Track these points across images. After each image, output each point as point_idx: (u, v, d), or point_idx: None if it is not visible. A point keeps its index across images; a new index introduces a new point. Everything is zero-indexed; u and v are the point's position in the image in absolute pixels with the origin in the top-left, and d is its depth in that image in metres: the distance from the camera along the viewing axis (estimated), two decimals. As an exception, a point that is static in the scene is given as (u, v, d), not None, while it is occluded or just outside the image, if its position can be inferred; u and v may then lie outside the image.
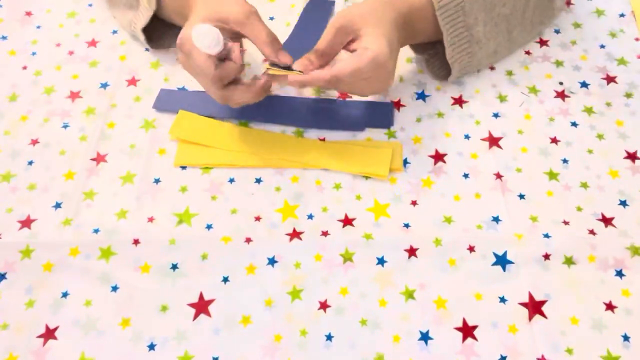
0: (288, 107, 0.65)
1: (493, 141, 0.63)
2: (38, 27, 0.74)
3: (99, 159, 0.62)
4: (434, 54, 0.67)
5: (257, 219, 0.58)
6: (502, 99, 0.67)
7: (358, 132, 0.64)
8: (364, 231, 0.58)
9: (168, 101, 0.66)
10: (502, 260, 0.56)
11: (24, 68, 0.70)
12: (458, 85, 0.67)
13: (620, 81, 0.68)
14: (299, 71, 0.56)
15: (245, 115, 0.65)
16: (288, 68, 0.57)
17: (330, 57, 0.59)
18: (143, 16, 0.66)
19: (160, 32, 0.70)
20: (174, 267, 0.56)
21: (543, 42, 0.71)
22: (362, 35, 0.57)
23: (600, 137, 0.64)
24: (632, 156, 0.62)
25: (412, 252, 0.56)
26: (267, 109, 0.64)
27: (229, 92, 0.57)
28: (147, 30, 0.68)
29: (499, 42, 0.66)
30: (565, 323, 0.53)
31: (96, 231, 0.58)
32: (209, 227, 0.58)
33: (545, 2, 0.68)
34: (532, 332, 0.52)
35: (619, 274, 0.55)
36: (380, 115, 0.65)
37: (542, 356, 0.51)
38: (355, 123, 0.64)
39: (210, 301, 0.54)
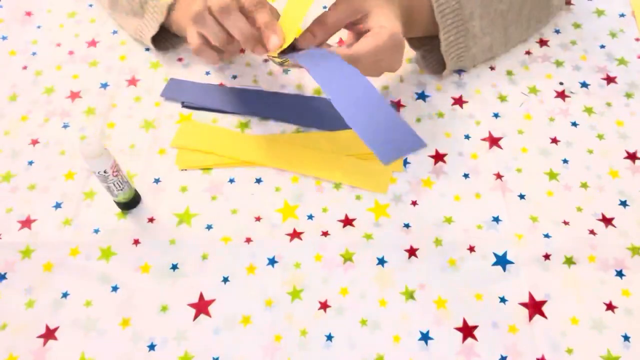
0: (290, 105, 0.65)
1: (493, 141, 0.63)
2: (38, 27, 0.74)
3: (99, 159, 0.62)
4: (430, 49, 0.67)
5: (257, 219, 0.58)
6: (502, 99, 0.66)
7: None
8: (364, 231, 0.58)
9: (176, 90, 0.67)
10: (502, 260, 0.56)
11: (24, 68, 0.70)
12: (458, 86, 0.67)
13: (620, 81, 0.68)
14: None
15: (249, 110, 0.65)
16: (294, 49, 0.57)
17: (333, 31, 0.58)
18: (151, 26, 0.66)
19: (162, 34, 0.69)
20: (174, 267, 0.56)
21: (543, 42, 0.71)
22: (373, 15, 0.57)
23: (600, 137, 0.64)
24: (632, 156, 0.62)
25: (412, 252, 0.56)
26: (270, 106, 0.64)
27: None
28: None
29: (494, 37, 0.66)
30: (565, 323, 0.53)
31: (96, 231, 0.58)
32: (209, 227, 0.58)
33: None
34: (532, 332, 0.52)
35: (619, 274, 0.55)
36: None
37: (542, 356, 0.51)
38: None
39: (210, 301, 0.54)
